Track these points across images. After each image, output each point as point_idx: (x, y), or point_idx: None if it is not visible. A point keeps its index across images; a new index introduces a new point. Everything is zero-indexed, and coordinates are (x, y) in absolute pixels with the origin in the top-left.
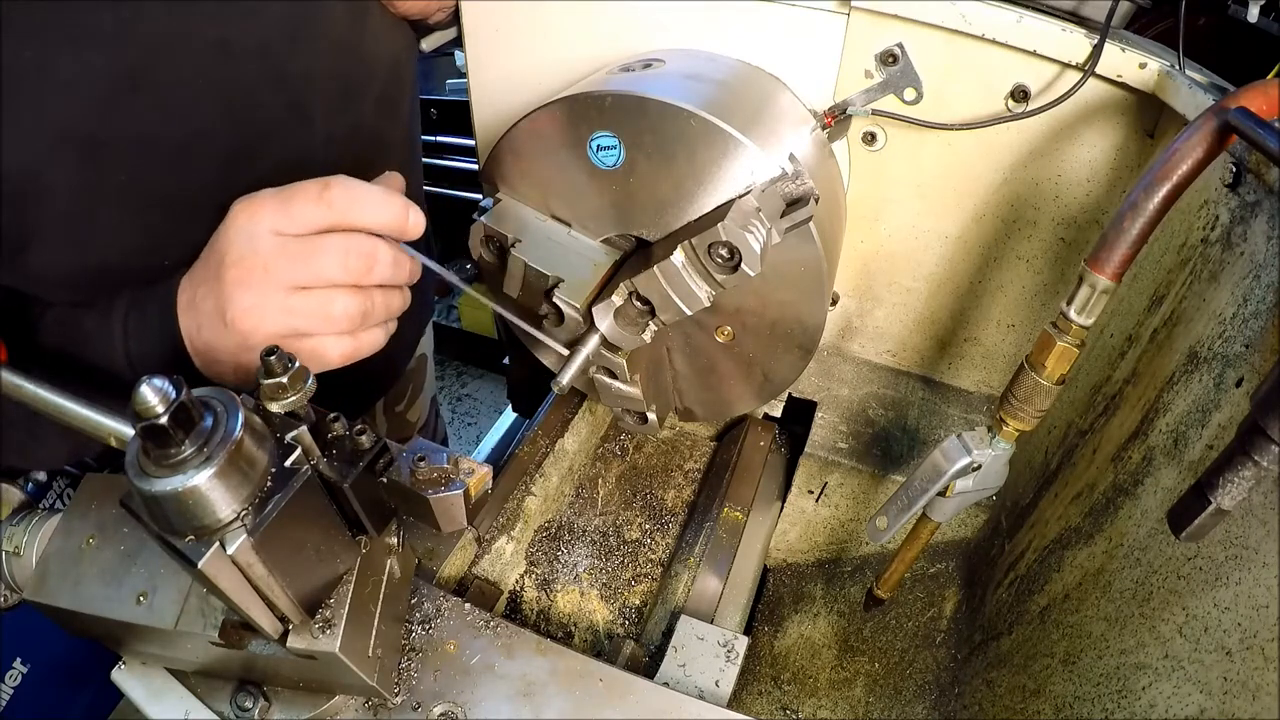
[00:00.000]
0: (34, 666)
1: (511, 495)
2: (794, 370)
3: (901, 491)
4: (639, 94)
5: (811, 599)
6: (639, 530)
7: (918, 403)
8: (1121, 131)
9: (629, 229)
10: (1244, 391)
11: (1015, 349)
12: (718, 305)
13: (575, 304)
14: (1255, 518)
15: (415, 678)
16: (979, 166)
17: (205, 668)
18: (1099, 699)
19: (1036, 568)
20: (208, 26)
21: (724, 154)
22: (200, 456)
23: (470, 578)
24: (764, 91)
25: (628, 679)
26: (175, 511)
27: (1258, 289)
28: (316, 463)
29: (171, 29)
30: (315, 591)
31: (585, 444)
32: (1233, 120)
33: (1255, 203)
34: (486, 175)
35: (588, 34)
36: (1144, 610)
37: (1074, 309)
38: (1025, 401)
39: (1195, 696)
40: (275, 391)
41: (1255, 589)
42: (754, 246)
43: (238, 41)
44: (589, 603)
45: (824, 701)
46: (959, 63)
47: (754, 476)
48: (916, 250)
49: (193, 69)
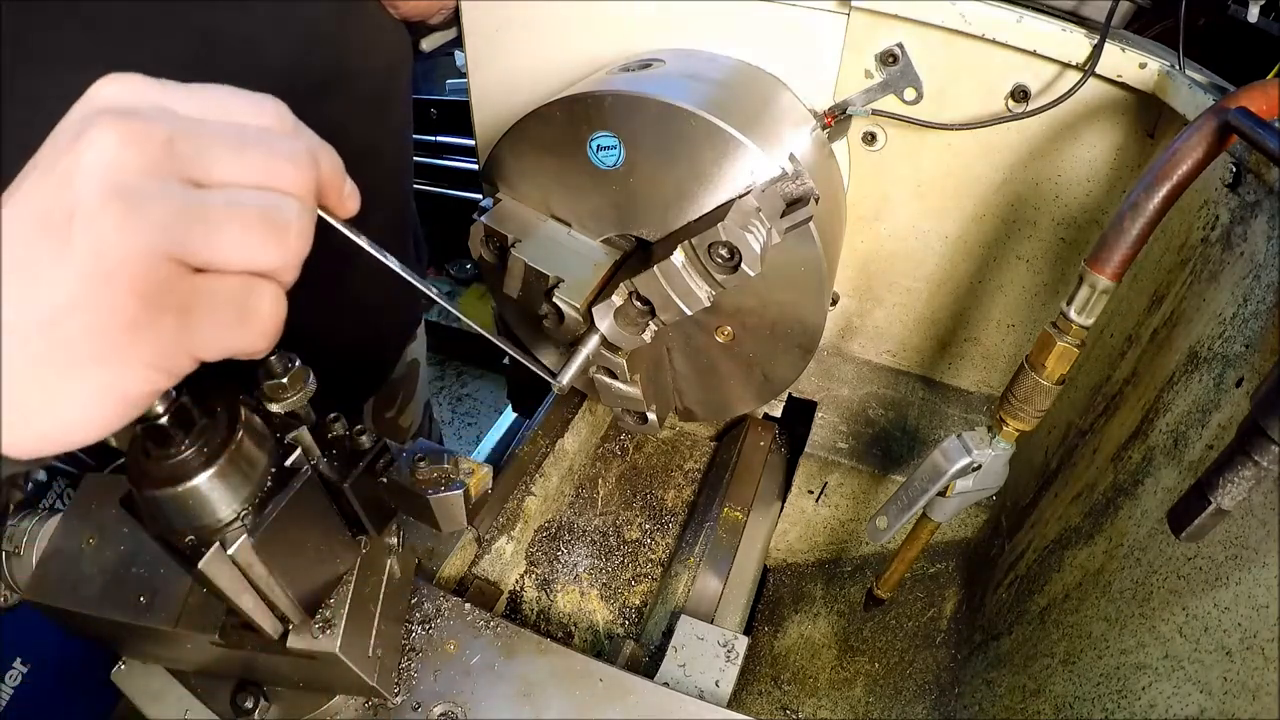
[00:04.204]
0: (34, 666)
1: (511, 495)
2: (794, 370)
3: (901, 491)
4: (639, 94)
5: (811, 599)
6: (639, 530)
7: (918, 403)
8: (1121, 131)
9: (629, 229)
10: (1244, 391)
11: (1015, 349)
12: (718, 305)
13: (575, 304)
14: (1255, 518)
15: (415, 678)
16: (979, 166)
17: (205, 668)
18: (1099, 699)
19: (1036, 568)
20: (194, 16)
21: (724, 154)
22: (200, 457)
23: (470, 578)
24: (764, 91)
25: (628, 679)
26: (175, 511)
27: (1258, 289)
28: (316, 463)
29: (153, 16)
30: (315, 591)
31: (585, 444)
32: (1233, 120)
33: (1255, 203)
34: (486, 175)
35: (588, 34)
36: (1144, 610)
37: (1074, 309)
38: (1025, 401)
39: (1195, 696)
40: (275, 391)
41: (1255, 589)
42: (754, 246)
43: (222, 31)
44: (589, 603)
45: (824, 701)
46: (959, 63)
47: (754, 476)
48: (916, 250)
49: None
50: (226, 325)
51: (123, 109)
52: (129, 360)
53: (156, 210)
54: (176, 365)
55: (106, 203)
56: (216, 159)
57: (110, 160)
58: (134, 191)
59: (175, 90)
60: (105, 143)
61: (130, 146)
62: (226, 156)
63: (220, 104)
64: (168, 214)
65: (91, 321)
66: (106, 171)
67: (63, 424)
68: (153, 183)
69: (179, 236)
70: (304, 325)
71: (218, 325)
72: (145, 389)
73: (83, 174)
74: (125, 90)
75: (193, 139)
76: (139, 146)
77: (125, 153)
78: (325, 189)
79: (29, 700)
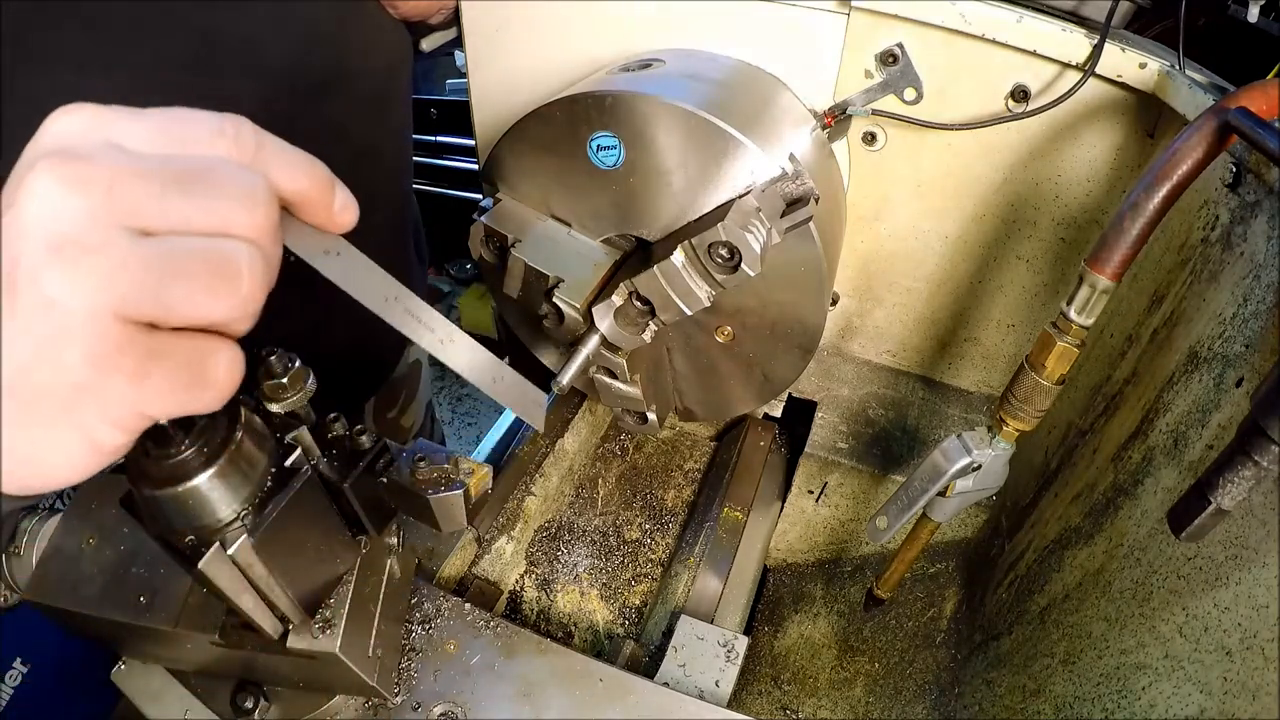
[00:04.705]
0: (34, 666)
1: (511, 495)
2: (794, 370)
3: (901, 491)
4: (639, 94)
5: (811, 599)
6: (639, 530)
7: (918, 403)
8: (1121, 131)
9: (629, 229)
10: (1244, 391)
11: (1015, 349)
12: (718, 305)
13: (575, 304)
14: (1255, 518)
15: (415, 678)
16: (979, 166)
17: (205, 668)
18: (1099, 699)
19: (1036, 568)
20: (194, 16)
21: (724, 154)
22: (200, 457)
23: (470, 578)
24: (764, 91)
25: (628, 679)
26: (175, 512)
27: (1258, 289)
28: (316, 463)
29: (153, 16)
30: (315, 591)
31: (585, 444)
32: (1233, 120)
33: (1255, 203)
34: (486, 175)
35: (588, 34)
36: (1144, 610)
37: (1074, 309)
38: (1025, 401)
39: (1195, 696)
40: (275, 391)
41: (1255, 589)
42: (754, 246)
43: (222, 31)
44: (589, 603)
45: (824, 701)
46: (959, 63)
47: (754, 476)
48: (916, 250)
49: (172, 57)
50: (180, 389)
51: (65, 150)
52: (90, 419)
53: (99, 266)
54: (132, 424)
55: (49, 259)
56: (162, 204)
57: (51, 211)
58: (75, 246)
59: (126, 120)
60: (46, 191)
61: (72, 194)
62: (173, 201)
63: (173, 132)
64: (110, 269)
65: (45, 381)
66: (48, 222)
67: (45, 469)
68: (95, 234)
69: (123, 293)
70: (304, 325)
71: (171, 389)
72: (113, 443)
73: (23, 227)
74: (73, 126)
75: (137, 183)
76: (81, 193)
77: (66, 202)
78: (311, 206)
79: (29, 700)
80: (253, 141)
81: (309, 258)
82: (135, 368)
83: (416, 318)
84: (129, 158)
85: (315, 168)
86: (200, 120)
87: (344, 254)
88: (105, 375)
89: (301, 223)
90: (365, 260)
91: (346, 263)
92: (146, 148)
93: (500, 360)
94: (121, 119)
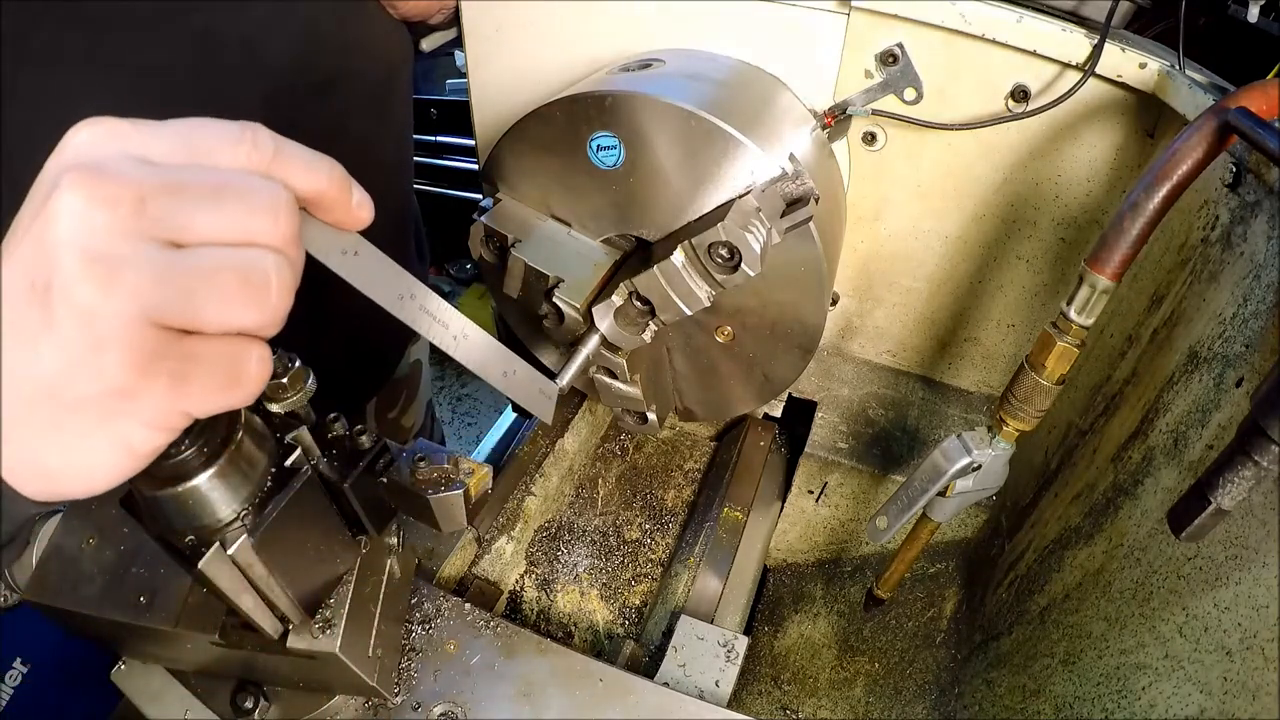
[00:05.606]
0: (34, 666)
1: (511, 495)
2: (794, 370)
3: (901, 491)
4: (639, 94)
5: (811, 599)
6: (639, 530)
7: (918, 403)
8: (1121, 131)
9: (629, 229)
10: (1244, 391)
11: (1015, 349)
12: (718, 305)
13: (575, 304)
14: (1255, 518)
15: (415, 678)
16: (979, 166)
17: (205, 668)
18: (1099, 699)
19: (1036, 568)
20: (194, 16)
21: (724, 154)
22: (200, 457)
23: (470, 578)
24: (764, 91)
25: (628, 679)
26: (175, 512)
27: (1258, 289)
28: (316, 463)
29: (153, 16)
30: (315, 591)
31: (585, 444)
32: (1233, 120)
33: (1255, 203)
34: (486, 175)
35: (588, 34)
36: (1144, 610)
37: (1074, 309)
38: (1025, 401)
39: (1195, 696)
40: (275, 391)
41: (1255, 589)
42: (754, 246)
43: (222, 31)
44: (589, 603)
45: (824, 701)
46: (959, 63)
47: (754, 476)
48: (916, 250)
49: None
50: (217, 388)
51: (91, 164)
52: (128, 424)
53: (132, 278)
54: (173, 423)
55: (83, 273)
56: (191, 217)
57: (81, 226)
58: (108, 259)
59: (146, 132)
60: (75, 206)
61: (101, 209)
62: (201, 213)
63: (193, 142)
64: (145, 281)
65: (87, 390)
66: (78, 237)
67: (79, 476)
68: (126, 246)
69: (159, 303)
70: (306, 325)
71: (208, 388)
72: (149, 445)
73: (56, 241)
74: (96, 138)
75: (165, 196)
76: (110, 208)
77: (96, 216)
78: (331, 203)
79: (29, 700)
80: (270, 147)
81: (325, 259)
82: (175, 370)
83: (432, 315)
84: (153, 171)
85: (333, 168)
86: (218, 129)
87: (362, 252)
88: (147, 379)
89: (320, 223)
90: (382, 257)
91: (363, 261)
92: (168, 159)
93: (512, 354)
94: (141, 131)
